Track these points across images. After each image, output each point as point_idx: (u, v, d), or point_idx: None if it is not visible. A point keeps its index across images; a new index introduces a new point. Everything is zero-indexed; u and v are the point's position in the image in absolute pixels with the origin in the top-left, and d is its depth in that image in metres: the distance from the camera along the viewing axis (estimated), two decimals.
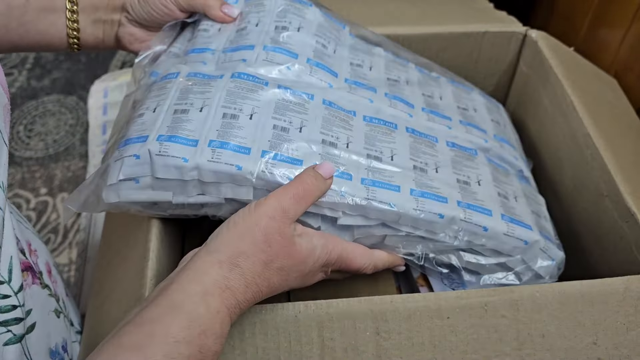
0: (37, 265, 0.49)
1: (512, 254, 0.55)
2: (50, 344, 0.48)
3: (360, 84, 0.60)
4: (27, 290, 0.45)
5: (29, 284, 0.46)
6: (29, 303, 0.45)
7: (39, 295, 0.48)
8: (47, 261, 0.53)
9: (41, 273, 0.50)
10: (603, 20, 0.82)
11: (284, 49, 0.57)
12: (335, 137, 0.53)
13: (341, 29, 0.66)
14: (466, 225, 0.52)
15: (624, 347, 0.48)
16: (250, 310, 0.46)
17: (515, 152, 0.67)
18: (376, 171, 0.52)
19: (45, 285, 0.50)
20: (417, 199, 0.51)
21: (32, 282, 0.47)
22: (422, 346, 0.46)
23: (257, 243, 0.42)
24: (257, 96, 0.53)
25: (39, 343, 0.46)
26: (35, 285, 0.47)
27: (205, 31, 0.60)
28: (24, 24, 0.56)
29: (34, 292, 0.47)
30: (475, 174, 0.57)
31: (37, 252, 0.51)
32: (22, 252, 0.47)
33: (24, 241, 0.48)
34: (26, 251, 0.48)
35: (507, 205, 0.56)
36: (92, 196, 0.51)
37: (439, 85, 0.69)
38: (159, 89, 0.54)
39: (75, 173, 1.33)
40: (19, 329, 0.42)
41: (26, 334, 0.44)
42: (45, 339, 0.47)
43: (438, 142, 0.59)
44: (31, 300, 0.46)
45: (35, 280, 0.48)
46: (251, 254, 0.42)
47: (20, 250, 0.47)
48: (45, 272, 0.51)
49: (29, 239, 0.50)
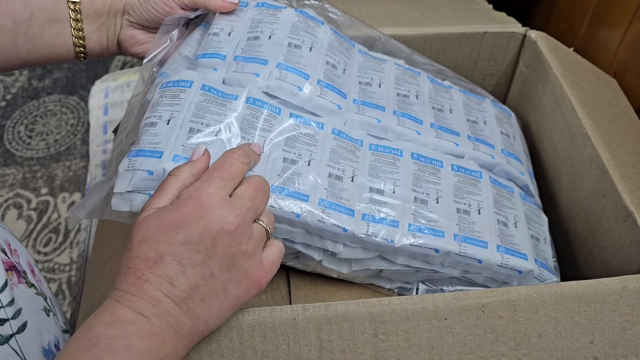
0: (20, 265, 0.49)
1: (507, 281, 0.57)
2: (43, 343, 0.48)
3: (368, 104, 0.62)
4: (15, 290, 0.46)
5: (15, 283, 0.46)
6: (19, 302, 0.45)
7: (27, 295, 0.48)
8: (29, 261, 0.53)
9: (25, 272, 0.50)
10: (602, 20, 0.82)
11: (296, 69, 0.58)
12: (342, 171, 0.54)
13: (351, 47, 0.67)
14: (461, 259, 0.54)
15: (621, 346, 0.48)
16: (248, 312, 0.46)
17: (522, 167, 0.67)
18: (377, 204, 0.54)
19: (31, 285, 0.50)
20: (414, 234, 0.53)
21: (18, 282, 0.47)
22: (419, 347, 0.47)
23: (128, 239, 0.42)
24: (269, 127, 0.54)
25: (31, 342, 0.46)
26: (21, 284, 0.47)
27: (215, 35, 0.60)
28: (31, 37, 0.56)
29: (21, 292, 0.47)
30: (476, 201, 0.58)
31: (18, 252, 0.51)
32: (3, 252, 0.47)
33: (2, 241, 0.48)
34: (7, 251, 0.48)
35: (505, 233, 0.57)
36: (100, 203, 0.51)
37: (450, 97, 0.70)
38: (172, 96, 0.54)
39: (77, 173, 1.33)
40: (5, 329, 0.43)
41: (17, 333, 0.44)
42: (38, 338, 0.47)
43: (443, 167, 0.60)
44: (20, 299, 0.46)
45: (21, 280, 0.48)
46: (121, 249, 0.42)
47: (1, 249, 0.47)
48: (29, 272, 0.51)
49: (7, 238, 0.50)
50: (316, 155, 0.54)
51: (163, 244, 0.40)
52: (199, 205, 0.41)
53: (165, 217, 0.41)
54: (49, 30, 0.57)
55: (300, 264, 0.57)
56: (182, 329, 0.40)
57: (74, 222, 0.52)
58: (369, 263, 0.55)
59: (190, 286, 0.40)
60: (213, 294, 0.41)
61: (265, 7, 0.63)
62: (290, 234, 0.52)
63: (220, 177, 0.43)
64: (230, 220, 0.41)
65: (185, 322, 0.40)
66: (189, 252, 0.40)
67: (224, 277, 0.41)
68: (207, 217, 0.41)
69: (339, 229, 0.51)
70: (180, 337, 0.40)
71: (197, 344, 0.45)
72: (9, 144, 1.40)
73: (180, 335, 0.40)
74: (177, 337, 0.40)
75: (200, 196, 0.41)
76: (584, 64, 0.77)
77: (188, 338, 0.41)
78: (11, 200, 1.28)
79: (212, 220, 0.41)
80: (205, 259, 0.40)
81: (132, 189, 0.49)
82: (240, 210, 0.42)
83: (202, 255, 0.40)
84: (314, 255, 0.54)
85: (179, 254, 0.40)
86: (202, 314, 0.41)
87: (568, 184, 0.67)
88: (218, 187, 0.42)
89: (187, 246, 0.40)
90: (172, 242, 0.40)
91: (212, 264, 0.41)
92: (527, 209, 0.62)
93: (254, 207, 0.44)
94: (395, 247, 0.52)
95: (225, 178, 0.43)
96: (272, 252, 0.45)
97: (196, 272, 0.40)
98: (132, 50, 0.62)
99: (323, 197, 0.51)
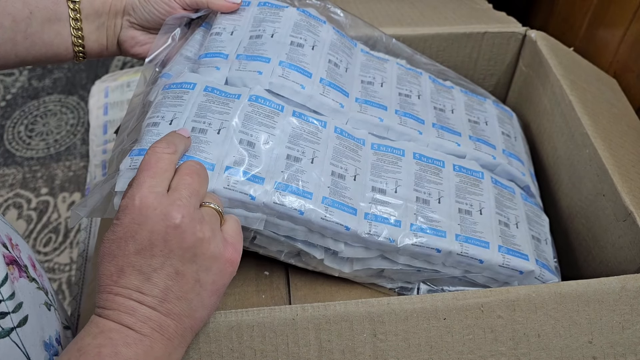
0: (21, 259, 0.50)
1: (508, 281, 0.57)
2: (44, 337, 0.48)
3: (371, 103, 0.62)
4: (16, 284, 0.46)
5: (16, 277, 0.46)
6: (19, 296, 0.45)
7: (28, 289, 0.48)
8: (30, 255, 0.53)
9: (26, 267, 0.50)
10: (602, 20, 0.82)
11: (299, 67, 0.58)
12: (344, 169, 0.54)
13: (353, 46, 0.67)
14: (462, 259, 0.54)
15: (619, 345, 0.48)
16: (248, 313, 0.46)
17: (524, 167, 0.68)
18: (379, 203, 0.54)
19: (33, 279, 0.50)
20: (416, 234, 0.53)
21: (19, 276, 0.47)
22: (418, 347, 0.47)
23: None
24: (272, 123, 0.54)
25: (33, 336, 0.46)
26: (22, 278, 0.48)
27: (218, 34, 0.60)
28: (30, 36, 0.57)
29: (22, 286, 0.47)
30: (478, 201, 0.58)
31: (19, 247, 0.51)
32: (4, 246, 0.47)
33: (3, 235, 0.48)
34: (8, 245, 0.48)
35: (507, 234, 0.57)
36: (101, 202, 0.51)
37: (452, 97, 0.70)
38: (175, 97, 0.54)
39: (76, 173, 1.33)
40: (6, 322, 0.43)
41: (18, 327, 0.44)
42: (39, 332, 0.48)
43: (445, 167, 0.60)
44: (21, 293, 0.46)
45: (22, 274, 0.48)
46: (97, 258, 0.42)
47: (2, 244, 0.47)
48: (30, 266, 0.51)
49: (8, 233, 0.50)
50: (319, 153, 0.54)
51: (119, 257, 0.40)
52: (137, 211, 0.40)
53: (114, 231, 0.41)
54: (48, 30, 0.57)
55: (302, 262, 0.57)
56: (167, 331, 0.40)
57: (75, 220, 0.52)
58: (370, 262, 0.55)
59: (160, 290, 0.40)
60: (187, 289, 0.41)
61: (268, 6, 0.63)
62: (292, 232, 0.52)
63: (150, 176, 0.42)
64: (173, 215, 0.40)
65: (169, 323, 0.40)
66: (145, 259, 0.40)
67: (191, 270, 0.41)
68: (149, 221, 0.40)
69: (341, 227, 0.51)
70: (168, 339, 0.40)
71: (197, 344, 0.45)
72: (9, 144, 1.40)
73: (168, 337, 0.40)
74: (165, 339, 0.40)
75: (135, 202, 0.40)
76: (584, 64, 0.77)
77: (177, 337, 0.41)
78: (11, 200, 1.28)
79: (155, 222, 0.40)
80: (164, 260, 0.40)
81: None
82: (180, 202, 0.41)
83: (160, 258, 0.40)
84: (315, 254, 0.54)
85: (136, 264, 0.40)
86: (184, 311, 0.41)
87: (568, 183, 0.67)
88: (150, 187, 0.41)
89: (141, 254, 0.40)
90: (126, 255, 0.40)
91: (174, 262, 0.40)
92: (528, 210, 0.62)
93: (193, 193, 0.42)
94: (397, 246, 0.52)
95: (154, 175, 0.42)
96: (230, 227, 0.44)
97: (160, 275, 0.40)
98: (133, 51, 0.62)
99: (326, 195, 0.51)
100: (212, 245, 0.42)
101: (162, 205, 0.40)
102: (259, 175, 0.50)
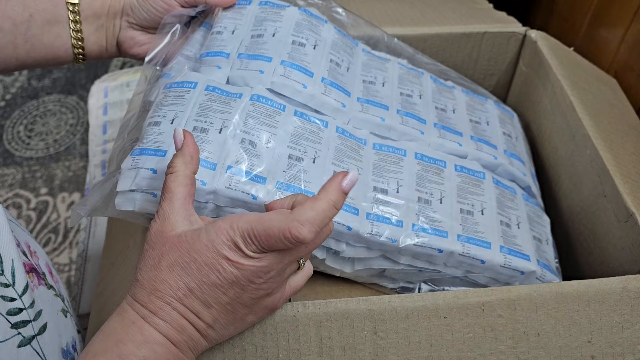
0: (39, 267, 0.50)
1: (509, 282, 0.57)
2: (62, 344, 0.48)
3: (372, 103, 0.62)
4: (35, 292, 0.46)
5: (35, 285, 0.47)
6: (39, 304, 0.45)
7: (47, 296, 0.48)
8: (47, 262, 0.53)
9: (44, 274, 0.50)
10: (602, 20, 0.82)
11: (300, 67, 0.58)
12: (346, 169, 0.54)
13: (354, 46, 0.67)
14: (464, 259, 0.54)
15: (619, 345, 0.48)
16: None
17: (525, 168, 0.68)
18: (381, 203, 0.54)
19: (50, 286, 0.50)
20: (418, 234, 0.53)
21: (39, 284, 0.47)
22: (418, 345, 0.46)
23: (144, 249, 0.42)
24: (274, 122, 0.54)
25: (51, 343, 0.46)
26: (41, 286, 0.48)
27: (219, 34, 0.60)
28: (30, 38, 0.56)
29: (41, 293, 0.47)
30: (479, 202, 0.58)
31: (37, 254, 0.51)
32: (24, 254, 0.47)
33: (23, 243, 0.49)
34: (27, 253, 0.48)
35: (508, 234, 0.57)
36: (102, 201, 0.51)
37: (453, 97, 0.70)
38: (176, 96, 0.54)
39: (76, 173, 1.33)
40: (27, 331, 0.43)
41: (38, 334, 0.44)
42: (57, 339, 0.48)
43: (446, 168, 0.60)
44: (40, 301, 0.46)
45: (41, 282, 0.48)
46: (141, 259, 0.42)
47: (22, 252, 0.47)
48: (48, 273, 0.51)
49: (27, 240, 0.50)
50: (321, 153, 0.54)
51: (194, 280, 0.40)
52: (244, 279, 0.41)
53: (201, 253, 0.40)
54: (48, 32, 0.57)
55: None
56: (199, 349, 0.43)
57: (75, 220, 0.52)
58: (372, 262, 0.55)
59: (213, 319, 0.41)
60: (231, 322, 0.43)
61: (269, 5, 0.63)
62: None
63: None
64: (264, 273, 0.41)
65: (203, 344, 0.42)
66: (218, 293, 0.41)
67: (244, 312, 0.42)
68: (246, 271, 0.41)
69: (343, 227, 0.51)
70: (196, 355, 0.43)
71: None
72: (8, 144, 1.40)
73: (196, 354, 0.43)
74: (193, 356, 0.42)
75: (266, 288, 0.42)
76: (584, 63, 0.77)
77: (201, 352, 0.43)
78: (10, 201, 1.28)
79: (250, 275, 0.41)
80: (230, 301, 0.41)
81: (135, 187, 0.49)
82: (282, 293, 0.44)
83: (229, 298, 0.41)
84: (317, 254, 0.54)
85: (207, 294, 0.40)
86: (219, 337, 0.43)
87: (569, 184, 0.67)
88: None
89: (218, 289, 0.40)
90: (203, 282, 0.40)
91: (236, 304, 0.42)
92: (529, 210, 0.62)
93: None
94: (399, 247, 0.52)
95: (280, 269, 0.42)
96: (297, 281, 0.45)
97: (220, 309, 0.41)
98: (132, 51, 0.62)
99: None
100: (272, 298, 0.43)
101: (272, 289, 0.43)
102: (260, 175, 0.50)
